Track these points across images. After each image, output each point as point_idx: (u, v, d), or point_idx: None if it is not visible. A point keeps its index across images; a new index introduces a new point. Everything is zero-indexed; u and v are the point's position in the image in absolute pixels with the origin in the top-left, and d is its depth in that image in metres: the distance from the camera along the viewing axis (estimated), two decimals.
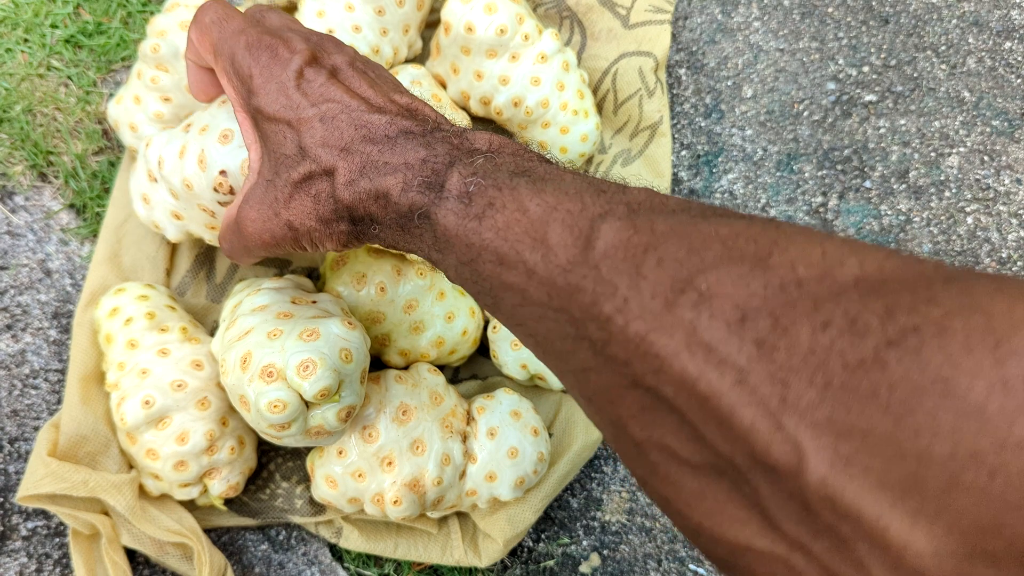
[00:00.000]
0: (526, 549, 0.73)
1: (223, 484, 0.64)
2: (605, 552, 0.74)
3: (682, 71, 0.89)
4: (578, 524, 0.74)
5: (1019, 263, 0.85)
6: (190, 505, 0.66)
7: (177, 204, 0.60)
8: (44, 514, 0.67)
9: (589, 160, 0.82)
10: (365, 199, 0.38)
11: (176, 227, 0.63)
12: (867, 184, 0.87)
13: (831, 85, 0.90)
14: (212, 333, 0.70)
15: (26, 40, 0.77)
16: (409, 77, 0.72)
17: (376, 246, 0.66)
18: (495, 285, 0.33)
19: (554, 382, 0.71)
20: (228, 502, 0.67)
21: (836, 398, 0.21)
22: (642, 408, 0.26)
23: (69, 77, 0.77)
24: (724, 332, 0.24)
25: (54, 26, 0.78)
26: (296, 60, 0.42)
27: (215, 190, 0.54)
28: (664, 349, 0.25)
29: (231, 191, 0.54)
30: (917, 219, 0.86)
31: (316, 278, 0.74)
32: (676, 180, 0.85)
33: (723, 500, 0.25)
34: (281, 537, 0.70)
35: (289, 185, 0.41)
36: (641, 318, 0.26)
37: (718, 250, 0.26)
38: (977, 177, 0.88)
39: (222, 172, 0.53)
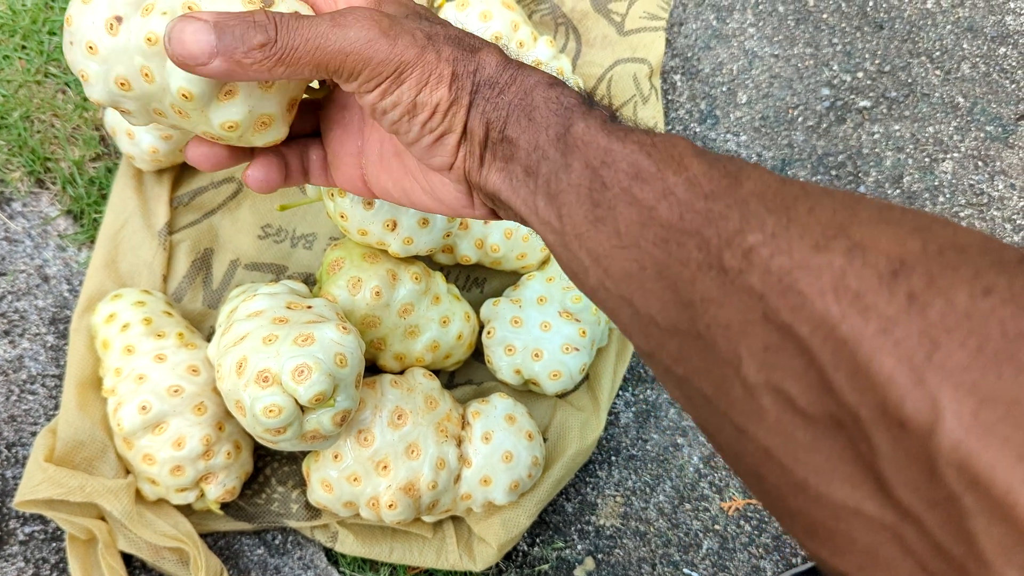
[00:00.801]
0: (521, 553, 0.74)
1: (219, 488, 0.64)
2: (599, 556, 0.74)
3: (677, 77, 0.90)
4: (573, 528, 0.74)
5: None
6: (187, 510, 0.66)
7: None
8: (41, 519, 0.67)
9: None
10: (510, 76, 0.37)
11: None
12: (861, 189, 0.87)
13: (825, 91, 0.91)
14: (209, 338, 0.70)
15: (24, 47, 0.77)
16: None
17: (374, 246, 0.67)
18: (618, 196, 0.32)
19: (548, 387, 0.71)
20: (224, 506, 0.68)
21: (988, 364, 0.20)
22: (766, 347, 0.26)
23: (67, 84, 0.77)
24: (875, 281, 0.23)
25: (52, 33, 0.78)
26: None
27: None
28: (808, 287, 0.24)
29: None
30: None
31: (312, 283, 0.75)
32: None
33: (836, 456, 0.24)
34: (277, 541, 0.70)
35: (439, 28, 0.38)
36: (788, 253, 0.25)
37: (873, 211, 0.26)
38: (971, 182, 0.88)
39: None
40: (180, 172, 0.77)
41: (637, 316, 0.32)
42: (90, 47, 0.41)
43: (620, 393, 0.79)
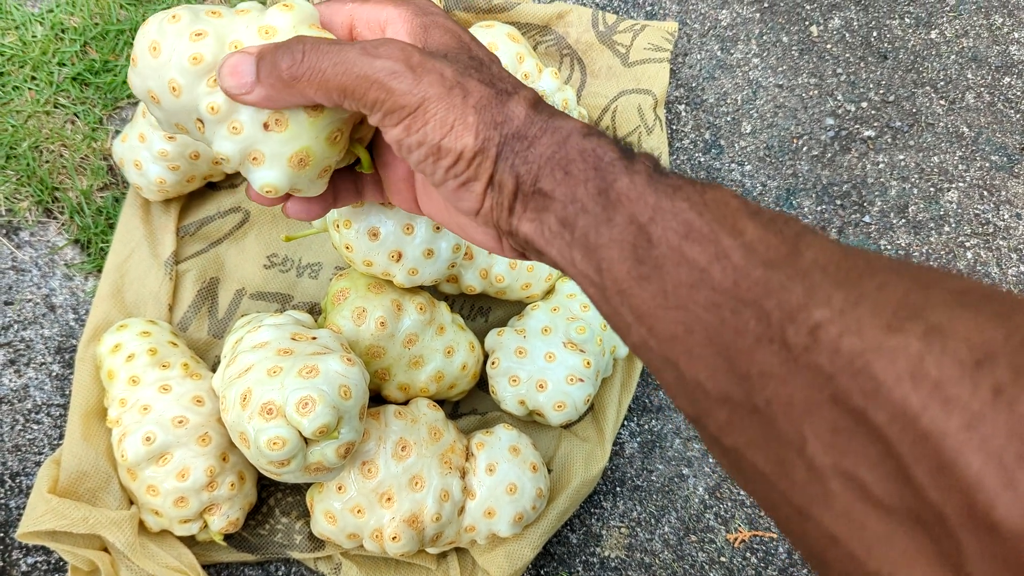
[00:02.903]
0: None
1: (223, 520, 0.64)
2: None
3: (682, 107, 0.90)
4: (577, 560, 0.74)
5: None
6: (190, 541, 0.66)
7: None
8: (44, 550, 0.67)
9: None
10: (542, 124, 0.36)
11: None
12: (866, 219, 0.87)
13: (830, 120, 0.91)
14: (214, 368, 0.70)
15: (34, 78, 0.78)
16: None
17: (379, 277, 0.67)
18: (667, 254, 0.30)
19: (552, 418, 0.71)
20: (228, 537, 0.68)
21: None
22: (835, 429, 0.24)
23: (76, 114, 0.78)
24: (956, 371, 0.21)
25: (61, 64, 0.79)
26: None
27: None
28: (883, 373, 0.23)
29: None
30: (917, 253, 0.86)
31: (317, 313, 0.75)
32: None
33: (915, 552, 0.23)
34: (280, 573, 0.70)
35: (472, 70, 0.37)
36: (859, 334, 0.24)
37: (949, 292, 0.24)
38: (976, 212, 0.88)
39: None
40: (187, 202, 0.77)
41: (683, 380, 0.30)
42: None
43: (625, 423, 0.78)
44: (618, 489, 0.76)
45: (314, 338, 0.61)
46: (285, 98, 0.38)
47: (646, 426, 0.78)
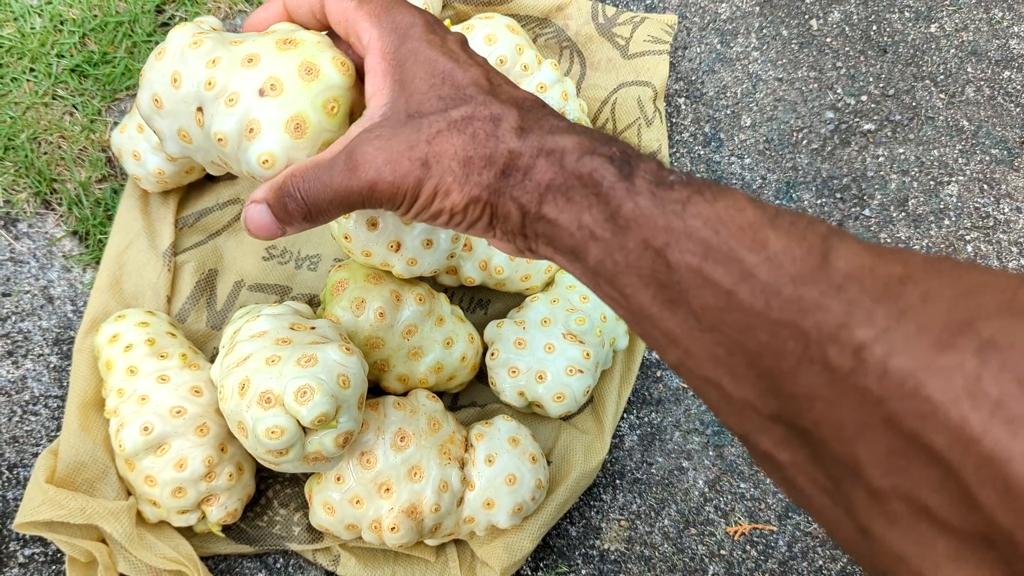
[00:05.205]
0: None
1: (221, 510, 0.64)
2: None
3: (681, 100, 0.90)
4: (577, 552, 0.74)
5: None
6: (188, 532, 0.66)
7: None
8: (41, 541, 0.67)
9: None
10: (533, 150, 0.35)
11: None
12: (866, 212, 0.87)
13: (830, 114, 0.91)
14: (212, 359, 0.70)
15: (32, 69, 0.78)
16: None
17: (380, 268, 0.67)
18: (689, 278, 0.29)
19: (552, 409, 0.71)
20: (226, 529, 0.67)
21: None
22: (891, 452, 0.23)
23: (74, 106, 0.78)
24: (1016, 388, 0.21)
25: (60, 55, 0.79)
26: (460, 34, 0.41)
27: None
28: (938, 393, 0.22)
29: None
30: (917, 247, 0.86)
31: (316, 304, 0.75)
32: None
33: (987, 573, 0.22)
34: (279, 564, 0.70)
35: (441, 122, 0.37)
36: (908, 353, 0.23)
37: (999, 299, 0.23)
38: (976, 205, 0.88)
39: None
40: (185, 193, 0.77)
41: (728, 399, 0.29)
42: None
43: (624, 416, 0.78)
44: (618, 482, 0.76)
45: (313, 328, 0.61)
46: (306, 228, 0.41)
47: (646, 419, 0.78)
